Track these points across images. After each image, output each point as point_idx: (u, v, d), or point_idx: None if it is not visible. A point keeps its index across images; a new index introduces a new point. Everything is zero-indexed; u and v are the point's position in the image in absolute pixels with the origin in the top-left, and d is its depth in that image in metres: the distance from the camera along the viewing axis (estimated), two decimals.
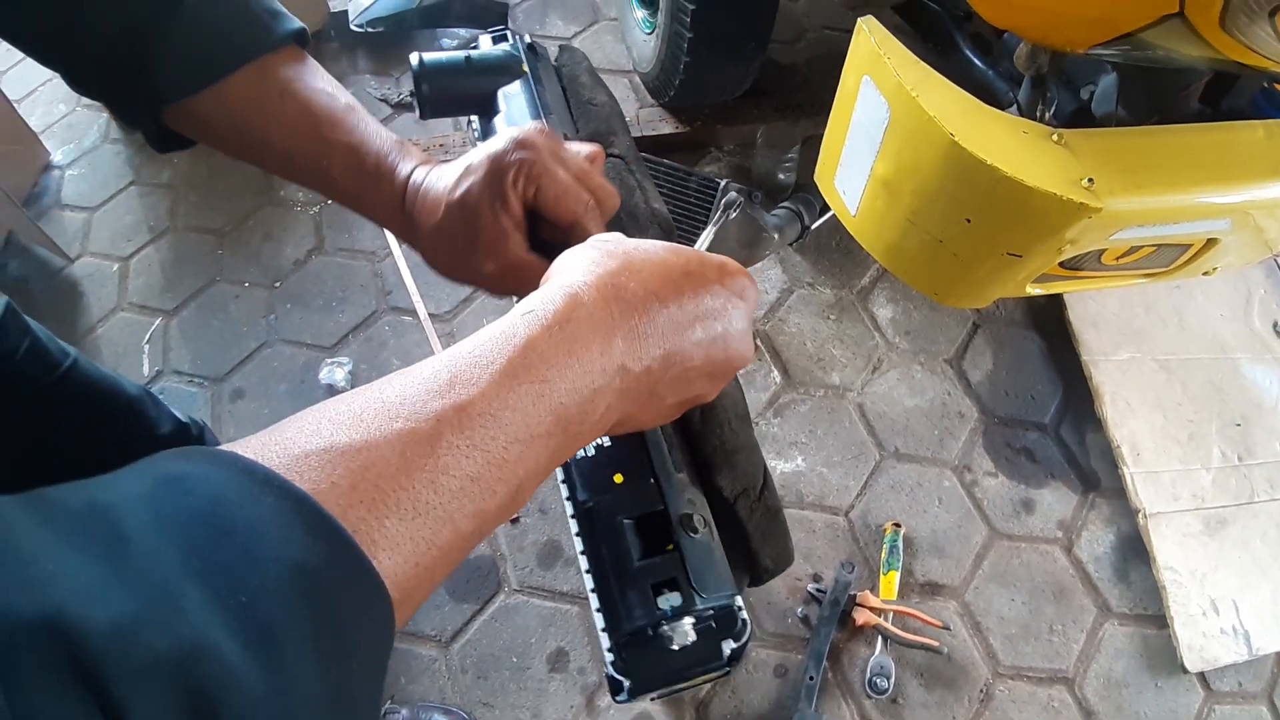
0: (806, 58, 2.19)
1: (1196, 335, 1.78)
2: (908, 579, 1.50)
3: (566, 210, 0.53)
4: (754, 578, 0.62)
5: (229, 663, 0.22)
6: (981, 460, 1.64)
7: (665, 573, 0.48)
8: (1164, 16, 0.71)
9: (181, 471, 0.26)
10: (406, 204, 0.55)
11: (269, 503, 0.26)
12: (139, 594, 0.21)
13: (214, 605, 0.23)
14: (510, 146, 0.52)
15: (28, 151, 2.02)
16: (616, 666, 0.50)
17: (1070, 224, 0.88)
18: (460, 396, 0.32)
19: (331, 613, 0.26)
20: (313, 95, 0.55)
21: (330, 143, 0.55)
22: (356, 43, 2.25)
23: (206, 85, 0.53)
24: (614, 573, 0.49)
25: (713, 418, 0.57)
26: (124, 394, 0.97)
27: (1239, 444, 1.65)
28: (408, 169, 0.56)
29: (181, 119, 0.55)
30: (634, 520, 0.51)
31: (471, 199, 0.52)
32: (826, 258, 1.87)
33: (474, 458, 0.32)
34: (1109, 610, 1.51)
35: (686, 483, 0.53)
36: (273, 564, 0.24)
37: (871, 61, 0.97)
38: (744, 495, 0.58)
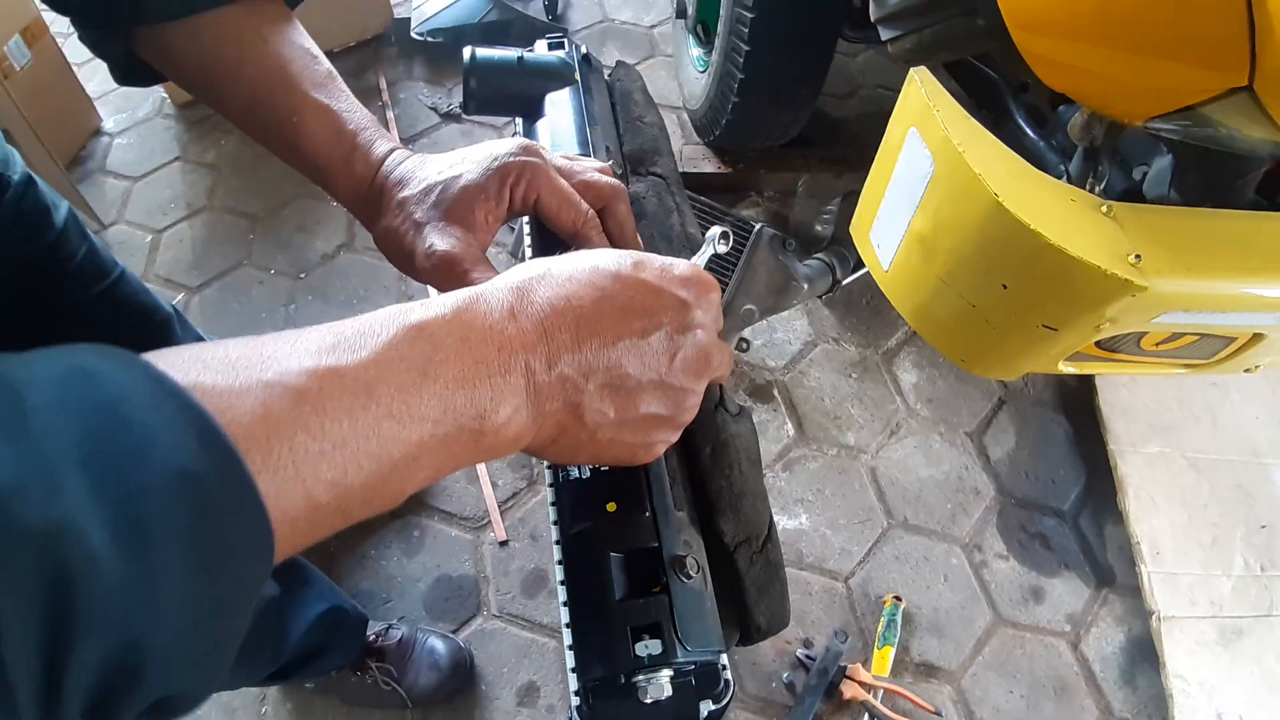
0: (857, 114, 2.18)
1: (1229, 435, 1.72)
2: (903, 656, 1.44)
3: (566, 220, 0.53)
4: (744, 636, 0.58)
5: (92, 547, 0.22)
6: (993, 541, 1.58)
7: (648, 616, 0.44)
8: (1231, 90, 0.68)
9: (96, 366, 0.27)
10: (377, 180, 0.54)
11: (168, 410, 0.27)
12: (22, 467, 0.22)
13: (92, 492, 0.23)
14: (516, 149, 0.51)
15: (80, 115, 2.06)
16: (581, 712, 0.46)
17: (1112, 300, 0.83)
18: (337, 360, 0.32)
19: (211, 523, 0.26)
20: (295, 52, 0.54)
21: (307, 99, 0.53)
22: (415, 50, 2.28)
23: (191, 12, 0.51)
24: (592, 609, 0.46)
25: (723, 457, 0.53)
26: (161, 310, 0.98)
27: (1263, 553, 1.58)
28: (385, 148, 0.54)
29: (152, 45, 0.54)
30: (622, 555, 0.47)
31: (457, 183, 0.51)
32: (855, 315, 1.84)
33: (339, 423, 0.31)
34: (1111, 714, 1.43)
35: (685, 522, 0.50)
36: (159, 465, 0.25)
37: (920, 113, 0.94)
38: (745, 544, 0.54)
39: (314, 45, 0.56)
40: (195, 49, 0.53)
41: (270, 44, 0.53)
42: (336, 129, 0.54)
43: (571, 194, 0.52)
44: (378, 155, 0.54)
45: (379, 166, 0.54)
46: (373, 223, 0.55)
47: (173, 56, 0.54)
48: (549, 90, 0.72)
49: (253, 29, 0.53)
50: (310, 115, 0.53)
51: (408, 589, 1.45)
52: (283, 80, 0.53)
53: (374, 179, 0.54)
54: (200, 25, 0.52)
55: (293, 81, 0.53)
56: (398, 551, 1.48)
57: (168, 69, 0.55)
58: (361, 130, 0.54)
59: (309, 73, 0.54)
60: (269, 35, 0.54)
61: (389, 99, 2.18)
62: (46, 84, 1.87)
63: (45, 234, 0.81)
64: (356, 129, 0.54)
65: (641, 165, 0.71)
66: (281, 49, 0.54)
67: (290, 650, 1.09)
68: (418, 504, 1.53)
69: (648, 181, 0.69)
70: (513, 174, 0.50)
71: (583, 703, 0.45)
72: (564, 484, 0.50)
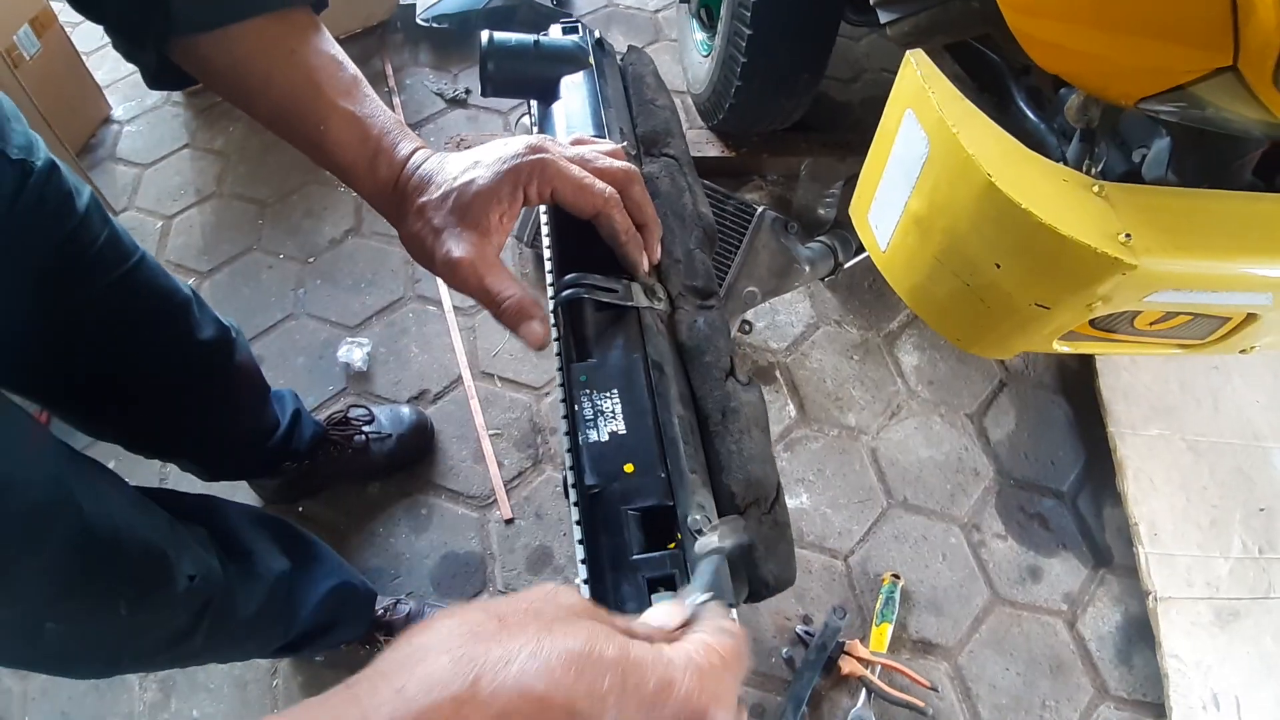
0: (861, 98, 2.19)
1: (1230, 419, 1.72)
2: (900, 633, 1.46)
3: (587, 203, 0.54)
4: (753, 592, 0.60)
5: None
6: (992, 521, 1.60)
7: (664, 569, 0.46)
8: (1217, 70, 0.69)
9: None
10: (400, 182, 0.56)
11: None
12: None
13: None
14: (525, 150, 0.53)
15: (89, 103, 2.08)
16: None
17: (1102, 279, 0.85)
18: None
19: None
20: (322, 60, 0.57)
21: (333, 106, 0.56)
22: (420, 37, 2.29)
23: (222, 24, 0.53)
24: (610, 563, 0.48)
25: (733, 423, 0.55)
26: (180, 293, 1.01)
27: (1261, 536, 1.59)
28: (408, 149, 0.57)
29: (183, 54, 0.56)
30: (639, 512, 0.49)
31: (474, 188, 0.53)
32: (858, 298, 1.85)
33: None
34: (1106, 692, 1.45)
35: (699, 484, 0.52)
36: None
37: (916, 95, 0.95)
38: (755, 505, 0.56)
39: (340, 51, 0.58)
40: (226, 58, 0.55)
41: (298, 53, 0.55)
42: (362, 135, 0.56)
43: (586, 180, 0.54)
44: (400, 157, 0.56)
45: (401, 169, 0.56)
46: (398, 224, 0.57)
47: (204, 65, 0.56)
48: (564, 73, 0.74)
49: (280, 38, 0.55)
50: (336, 122, 0.55)
51: (415, 566, 1.48)
52: (310, 88, 0.55)
53: (397, 181, 0.56)
54: (230, 35, 0.54)
55: (319, 89, 0.55)
56: (406, 529, 1.51)
57: (200, 76, 0.57)
58: (385, 134, 0.56)
59: (335, 80, 0.56)
60: (296, 45, 0.56)
61: (395, 85, 2.19)
62: (56, 73, 1.89)
63: (69, 219, 0.83)
64: (381, 133, 0.56)
65: (654, 146, 0.73)
66: (309, 57, 0.56)
67: (301, 624, 1.12)
68: (425, 483, 1.56)
69: (661, 162, 0.71)
70: (523, 175, 0.53)
71: None
72: (584, 446, 0.52)
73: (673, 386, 0.55)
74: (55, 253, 0.83)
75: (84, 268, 0.87)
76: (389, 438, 1.50)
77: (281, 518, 1.17)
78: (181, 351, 1.03)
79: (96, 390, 0.98)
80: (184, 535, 0.89)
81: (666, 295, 0.61)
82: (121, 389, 0.99)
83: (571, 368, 0.55)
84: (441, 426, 1.62)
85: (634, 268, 0.58)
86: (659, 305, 0.60)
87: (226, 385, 1.14)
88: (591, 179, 0.54)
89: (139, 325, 0.96)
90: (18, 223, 0.78)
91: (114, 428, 1.08)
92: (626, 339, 0.56)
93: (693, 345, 0.59)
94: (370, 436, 1.48)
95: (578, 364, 0.55)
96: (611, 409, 0.52)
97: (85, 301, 0.89)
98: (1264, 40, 0.64)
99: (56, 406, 1.02)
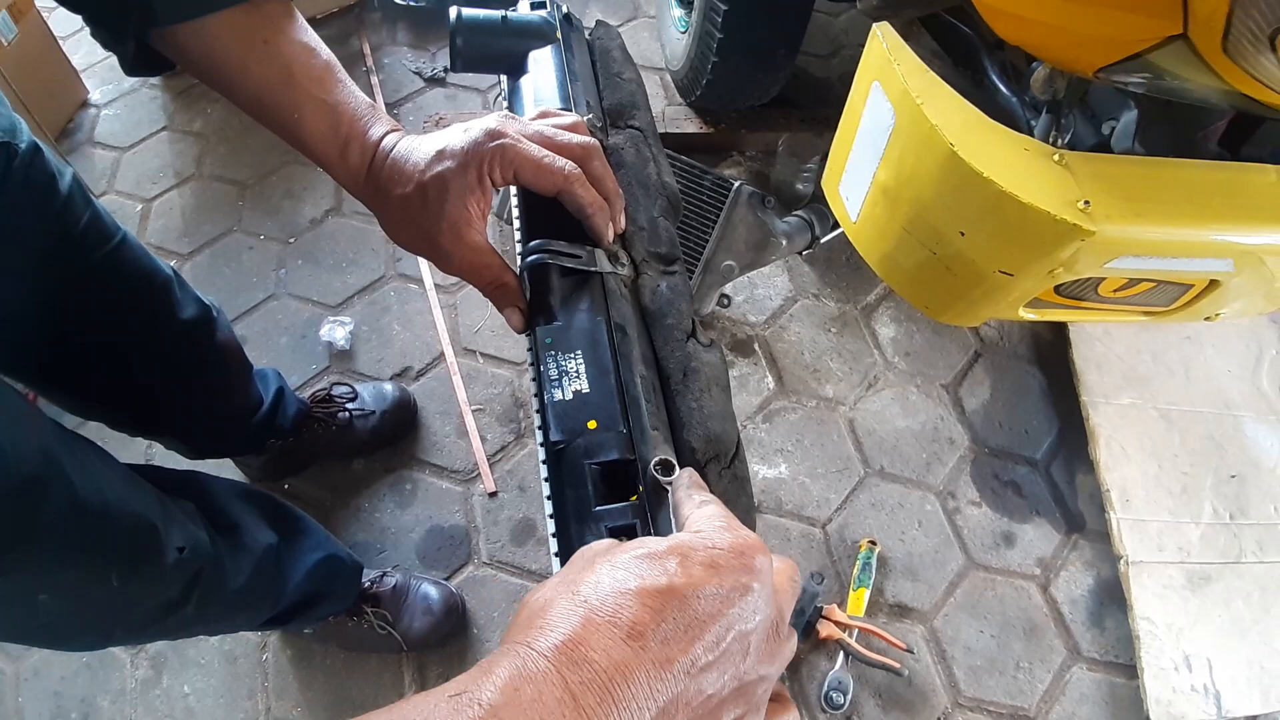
0: (839, 73, 2.19)
1: (1202, 388, 1.76)
2: (877, 598, 1.49)
3: (548, 182, 0.56)
4: None
5: None
6: (967, 489, 1.63)
7: (625, 519, 0.48)
8: (1169, 39, 0.70)
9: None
10: (374, 168, 0.58)
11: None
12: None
13: None
14: (484, 137, 0.55)
15: (67, 87, 2.06)
16: None
17: (1062, 245, 0.87)
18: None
19: None
20: (296, 49, 0.58)
21: (306, 96, 0.57)
22: (398, 15, 2.28)
23: (199, 15, 0.55)
24: (575, 514, 0.50)
25: (694, 381, 0.57)
26: (161, 273, 1.02)
27: (1232, 502, 1.62)
28: (379, 133, 0.58)
29: (161, 42, 0.57)
30: (600, 466, 0.51)
31: (444, 181, 0.55)
32: (835, 271, 1.87)
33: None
34: (1079, 654, 1.49)
35: (660, 440, 0.53)
36: None
37: (882, 67, 0.97)
38: (715, 460, 0.58)
39: (314, 38, 0.59)
40: (203, 48, 0.56)
41: (272, 43, 0.57)
42: (333, 122, 0.57)
43: (547, 159, 0.55)
44: (371, 142, 0.58)
45: (373, 154, 0.58)
46: (378, 212, 0.59)
47: (182, 54, 0.57)
48: (532, 48, 0.75)
49: (255, 29, 0.56)
50: (310, 111, 0.57)
51: (401, 539, 1.50)
52: (284, 78, 0.57)
53: (370, 167, 0.58)
54: (207, 26, 0.55)
55: (293, 78, 0.57)
56: (391, 504, 1.53)
57: (179, 63, 0.59)
58: (357, 120, 0.58)
59: (308, 69, 0.57)
60: (270, 35, 0.57)
61: (373, 64, 2.18)
62: (33, 57, 1.88)
63: (53, 200, 0.84)
64: (352, 119, 0.58)
65: (620, 119, 0.74)
66: (282, 47, 0.57)
67: (289, 596, 1.14)
68: (409, 459, 1.58)
69: (626, 134, 0.72)
70: (485, 161, 0.54)
71: None
72: (549, 405, 0.53)
73: (635, 348, 0.56)
74: (41, 234, 0.84)
75: (69, 248, 0.88)
76: (372, 414, 1.51)
77: (268, 492, 1.18)
78: (164, 330, 1.05)
79: (81, 370, 0.99)
80: (172, 509, 0.91)
81: (630, 261, 0.63)
82: (106, 368, 1.01)
83: (537, 330, 0.57)
84: (424, 403, 1.64)
85: (600, 238, 0.60)
86: (623, 270, 0.62)
87: (209, 363, 1.15)
88: (552, 157, 0.56)
89: (122, 305, 0.97)
90: (4, 205, 0.79)
91: (99, 406, 1.09)
92: (591, 303, 0.58)
93: (655, 309, 0.60)
94: (354, 413, 1.49)
95: (543, 327, 0.57)
96: (576, 369, 0.54)
97: (70, 281, 0.90)
98: (1210, 8, 0.66)
99: (42, 386, 1.03)
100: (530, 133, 0.57)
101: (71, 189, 0.86)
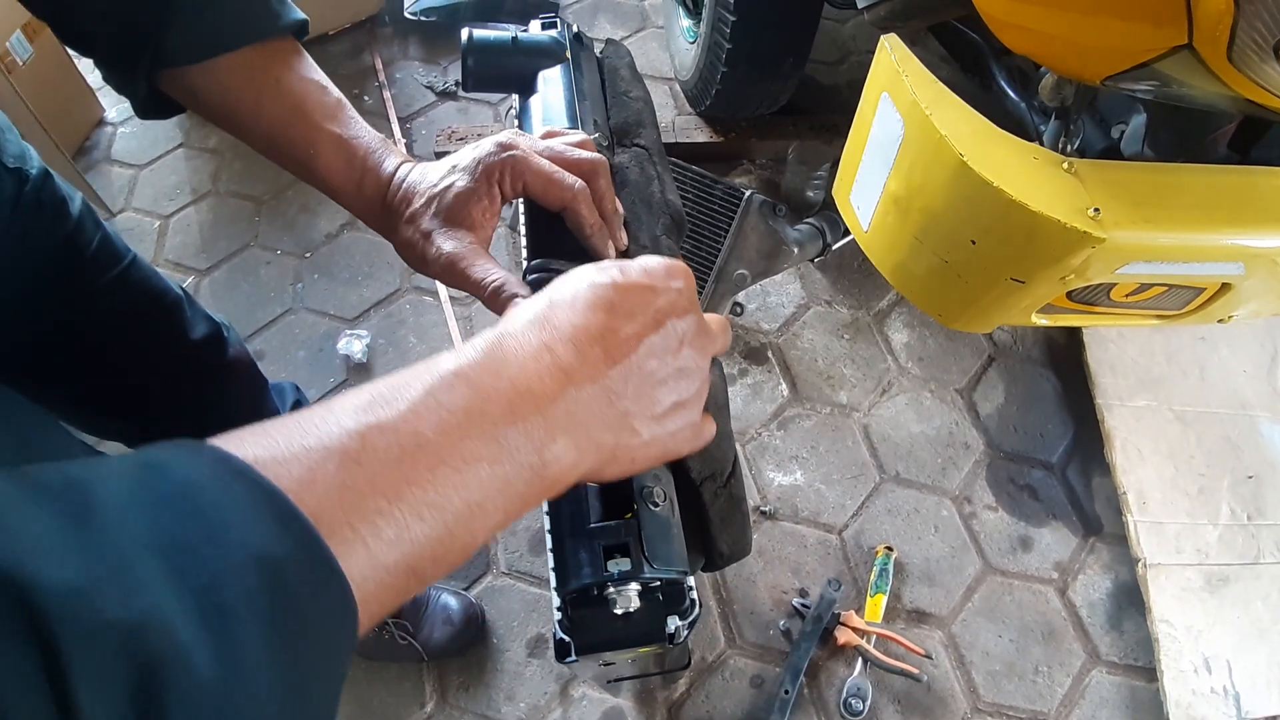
0: (848, 80, 2.20)
1: (1217, 389, 1.75)
2: (895, 604, 1.49)
3: (555, 196, 0.57)
4: (709, 561, 0.63)
5: (180, 640, 0.22)
6: (983, 493, 1.63)
7: (619, 537, 0.49)
8: (1175, 48, 0.71)
9: (160, 459, 0.27)
10: (388, 197, 0.59)
11: (239, 491, 0.26)
12: (98, 560, 0.22)
13: (173, 581, 0.22)
14: (495, 149, 0.56)
15: (83, 106, 2.10)
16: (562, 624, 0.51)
17: (1073, 253, 0.88)
18: (376, 417, 0.32)
19: (295, 605, 0.26)
20: (307, 86, 0.59)
21: (321, 132, 0.58)
22: (409, 30, 2.30)
23: (210, 56, 0.56)
24: (570, 531, 0.51)
25: None
26: (171, 293, 1.02)
27: (1249, 503, 1.62)
28: (393, 165, 0.59)
29: (172, 85, 0.58)
30: (597, 485, 0.52)
31: (453, 190, 0.56)
32: (847, 278, 1.88)
33: (391, 475, 0.30)
34: (1098, 657, 1.49)
35: None
36: (238, 549, 0.24)
37: (890, 78, 0.97)
38: (711, 479, 0.59)
39: (323, 76, 0.61)
40: (215, 89, 0.57)
41: (283, 82, 0.58)
42: (348, 157, 0.58)
43: (555, 174, 0.56)
44: (386, 174, 0.59)
45: (387, 186, 0.59)
46: (390, 235, 0.60)
47: (194, 96, 0.58)
48: (542, 68, 0.76)
49: (265, 67, 0.58)
50: (324, 147, 0.58)
51: None
52: (297, 115, 0.58)
53: (384, 198, 0.59)
54: (218, 67, 0.56)
55: (306, 116, 0.58)
56: None
57: (190, 105, 0.60)
58: (371, 153, 0.59)
59: (321, 105, 0.59)
60: (281, 73, 0.58)
61: (385, 79, 2.21)
62: (49, 77, 1.91)
63: (63, 224, 0.86)
64: (366, 153, 0.59)
65: (626, 138, 0.75)
66: (293, 85, 0.58)
67: None
68: None
69: (631, 152, 0.73)
70: (496, 172, 0.55)
71: (563, 615, 0.50)
72: None
73: None
74: (52, 258, 0.86)
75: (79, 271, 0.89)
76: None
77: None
78: (175, 350, 1.06)
79: (94, 391, 1.00)
80: None
81: None
82: (119, 389, 1.02)
83: None
84: None
85: (599, 257, 0.61)
86: None
87: (221, 381, 1.16)
88: (560, 173, 0.57)
89: (133, 325, 0.99)
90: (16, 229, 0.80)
91: (114, 425, 1.11)
92: None
93: None
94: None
95: None
96: None
97: (81, 304, 0.91)
98: (1215, 19, 0.67)
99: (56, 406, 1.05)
100: (540, 148, 0.58)
101: (81, 213, 0.87)
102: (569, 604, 0.50)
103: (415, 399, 0.33)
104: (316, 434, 0.30)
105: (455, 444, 0.33)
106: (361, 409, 0.32)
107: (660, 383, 0.41)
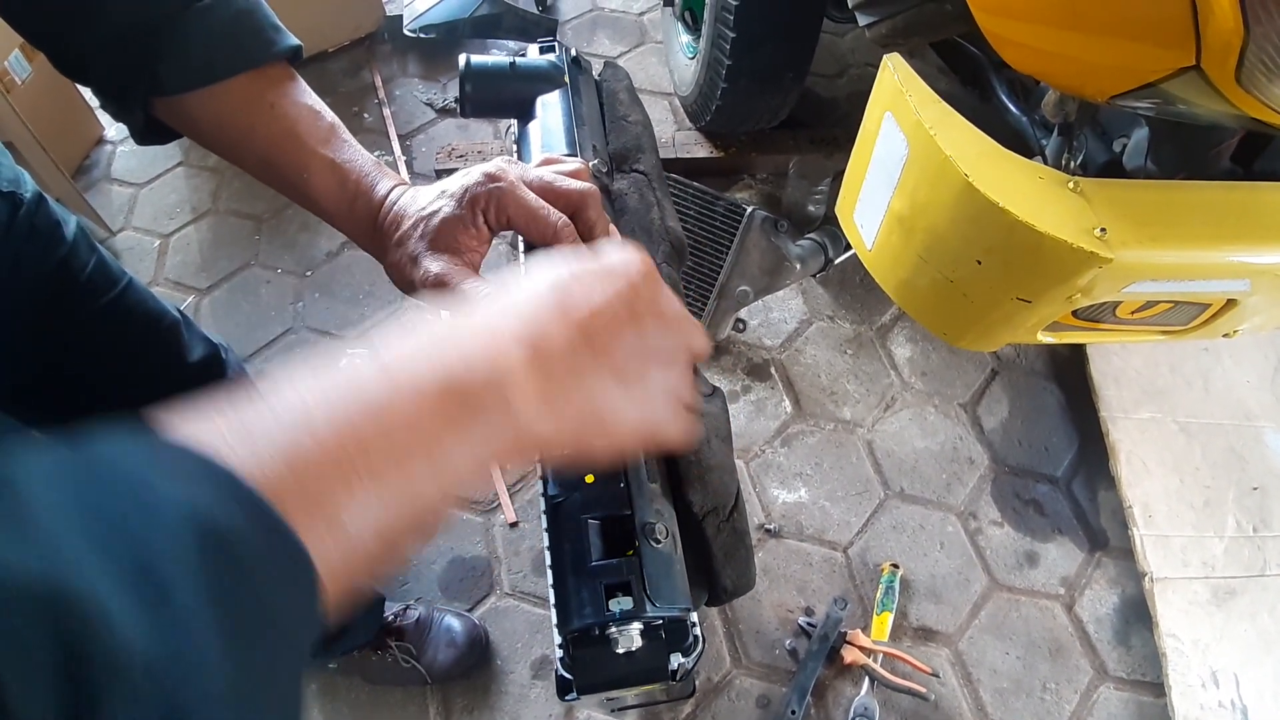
0: (847, 93, 2.21)
1: (1221, 400, 1.75)
2: (901, 621, 1.48)
3: (539, 231, 0.56)
4: (712, 596, 0.62)
5: (105, 605, 0.20)
6: (988, 509, 1.62)
7: (620, 576, 0.48)
8: (1182, 69, 0.71)
9: (89, 438, 0.26)
10: (380, 219, 0.59)
11: (168, 459, 0.26)
12: (7, 529, 0.21)
13: (97, 549, 0.21)
14: (482, 179, 0.55)
15: (82, 124, 2.10)
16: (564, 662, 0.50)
17: (1080, 273, 0.87)
18: (326, 383, 0.31)
19: (241, 571, 0.24)
20: (301, 111, 0.59)
21: (314, 156, 0.58)
22: (409, 47, 2.31)
23: (205, 84, 0.56)
24: (572, 569, 0.50)
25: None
26: (168, 315, 1.02)
27: (1255, 515, 1.61)
28: (385, 188, 0.59)
29: (168, 112, 0.58)
30: (599, 521, 0.51)
31: (439, 215, 0.56)
32: (849, 293, 1.87)
33: (340, 437, 0.30)
34: (1106, 673, 1.47)
35: (657, 493, 0.54)
36: (169, 513, 0.23)
37: (894, 98, 0.97)
38: (713, 514, 0.58)
39: (317, 101, 0.61)
40: (210, 115, 0.57)
41: (278, 106, 0.58)
42: (341, 180, 0.58)
43: (539, 209, 0.56)
44: (379, 198, 0.58)
45: (378, 209, 0.58)
46: (381, 257, 0.60)
47: (189, 122, 0.58)
48: (540, 93, 0.75)
49: (260, 93, 0.58)
50: (318, 171, 0.58)
51: (423, 571, 1.50)
52: (290, 140, 0.58)
53: (376, 221, 0.59)
54: (214, 94, 0.56)
55: (300, 140, 0.58)
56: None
57: (186, 132, 0.60)
58: (364, 177, 0.59)
59: (315, 130, 0.58)
60: (275, 98, 0.58)
61: (384, 96, 2.21)
62: (48, 96, 1.91)
63: (58, 248, 0.85)
64: (359, 177, 0.59)
65: (625, 163, 0.74)
66: (288, 109, 0.58)
67: None
68: None
69: (630, 179, 0.72)
70: (480, 202, 0.55)
71: (565, 654, 0.49)
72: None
73: None
74: (47, 282, 0.85)
75: (75, 295, 0.88)
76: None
77: None
78: (173, 374, 1.05)
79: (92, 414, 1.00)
80: None
81: None
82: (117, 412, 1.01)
83: None
84: None
85: None
86: None
87: None
88: (545, 209, 0.56)
89: (129, 349, 0.98)
90: (11, 253, 0.80)
91: None
92: None
93: None
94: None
95: None
96: None
97: (76, 328, 0.91)
98: (1223, 41, 0.66)
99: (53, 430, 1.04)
100: (530, 179, 0.57)
101: (76, 237, 0.87)
102: (570, 643, 0.49)
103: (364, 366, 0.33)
104: (264, 406, 0.29)
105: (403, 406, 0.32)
106: (310, 378, 0.31)
107: (627, 361, 0.41)
